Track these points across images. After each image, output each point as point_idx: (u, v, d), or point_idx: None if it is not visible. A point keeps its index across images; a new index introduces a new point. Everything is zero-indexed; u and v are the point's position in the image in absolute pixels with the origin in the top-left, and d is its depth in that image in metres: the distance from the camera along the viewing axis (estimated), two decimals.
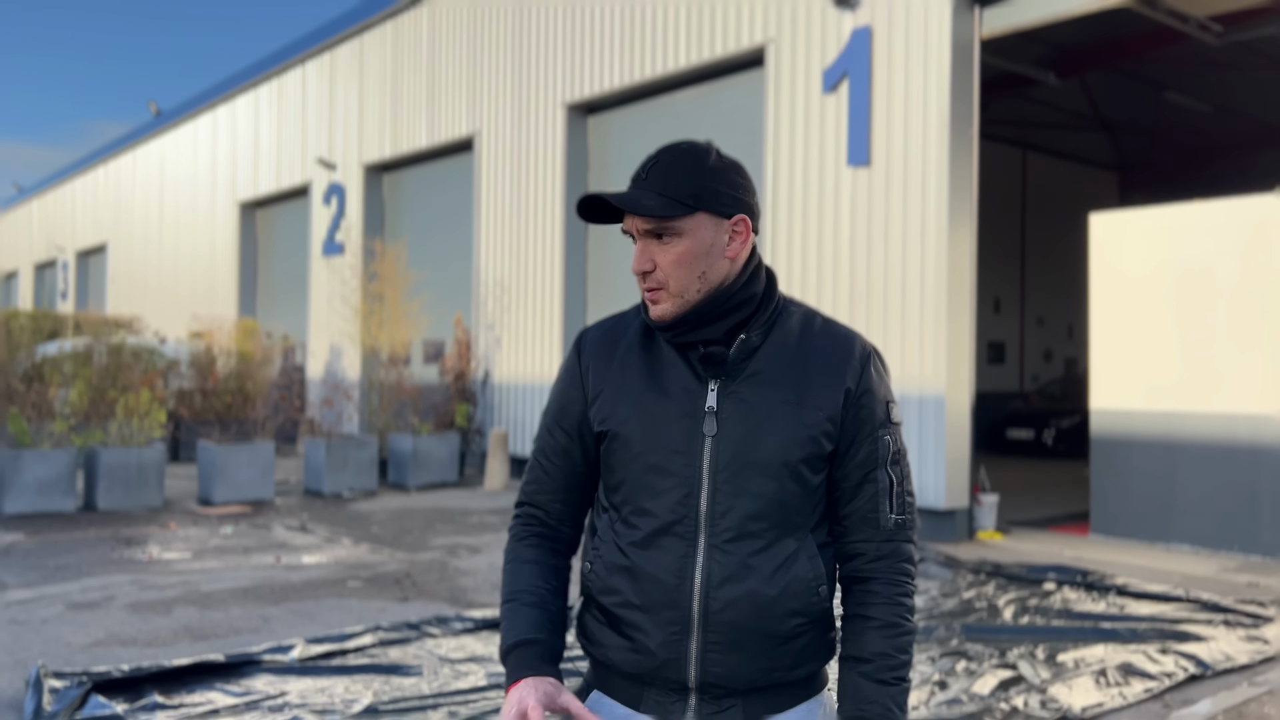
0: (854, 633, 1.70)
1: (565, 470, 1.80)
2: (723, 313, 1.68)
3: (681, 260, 1.66)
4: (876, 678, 1.65)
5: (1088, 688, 4.95)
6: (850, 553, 1.73)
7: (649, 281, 1.68)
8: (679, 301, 1.67)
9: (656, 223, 1.65)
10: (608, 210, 1.69)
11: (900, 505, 1.72)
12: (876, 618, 1.68)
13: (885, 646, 1.67)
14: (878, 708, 1.63)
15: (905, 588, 1.71)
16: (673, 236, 1.66)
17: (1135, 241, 9.27)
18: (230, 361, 15.26)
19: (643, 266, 1.67)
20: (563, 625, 1.76)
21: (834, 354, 1.72)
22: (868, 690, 1.65)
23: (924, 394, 9.25)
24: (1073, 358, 20.41)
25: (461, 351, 14.28)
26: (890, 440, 1.72)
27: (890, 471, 1.71)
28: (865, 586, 1.71)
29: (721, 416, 1.66)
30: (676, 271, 1.66)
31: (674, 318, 1.67)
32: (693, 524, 1.66)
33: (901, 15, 9.57)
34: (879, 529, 1.70)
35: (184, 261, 25.36)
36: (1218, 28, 10.90)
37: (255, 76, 21.70)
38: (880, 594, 1.69)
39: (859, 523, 1.71)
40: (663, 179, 1.65)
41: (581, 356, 1.80)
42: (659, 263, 1.66)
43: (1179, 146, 20.19)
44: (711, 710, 1.68)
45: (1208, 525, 8.72)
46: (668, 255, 1.66)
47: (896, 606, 1.69)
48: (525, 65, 14.37)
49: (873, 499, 1.70)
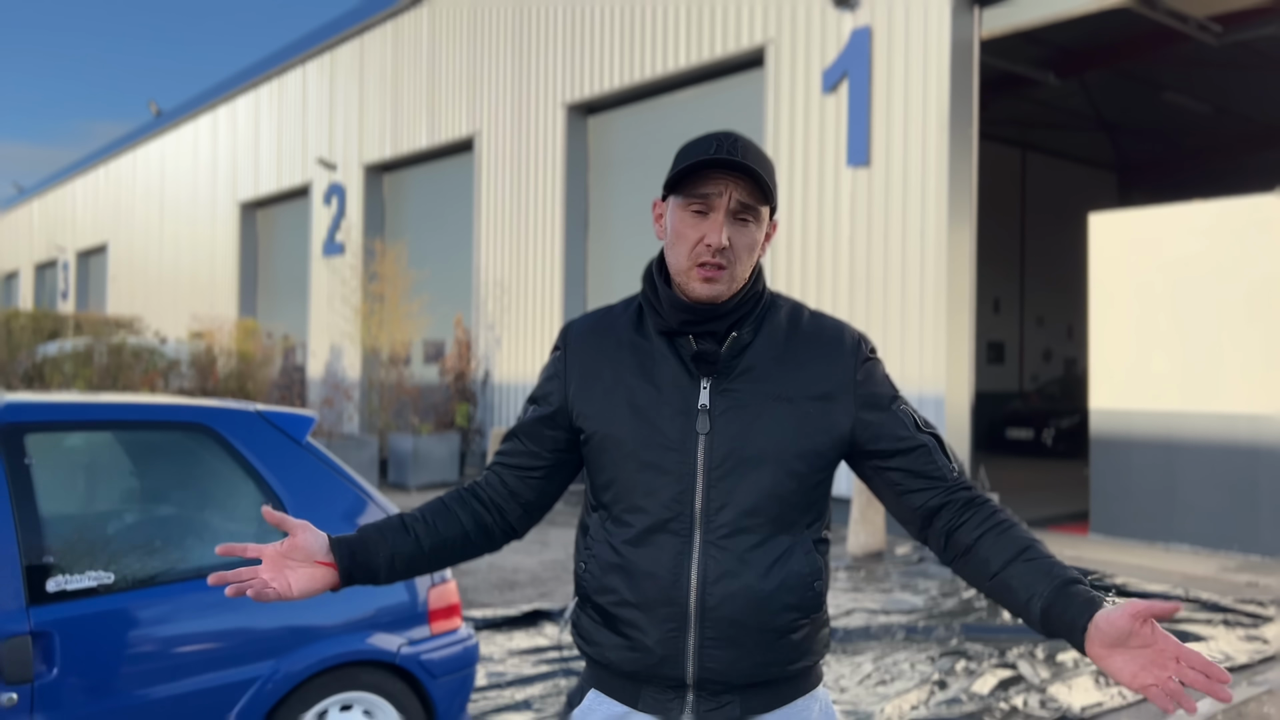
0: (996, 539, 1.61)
1: (531, 452, 1.80)
2: (732, 310, 1.68)
3: (753, 246, 1.68)
4: (1048, 554, 1.59)
5: (1087, 687, 4.95)
6: (932, 509, 1.68)
7: (720, 258, 1.64)
8: (734, 286, 1.67)
9: (756, 201, 1.65)
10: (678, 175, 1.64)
11: (951, 456, 1.73)
12: (1004, 520, 1.64)
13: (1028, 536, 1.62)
14: (1071, 571, 1.56)
15: (998, 507, 1.68)
16: (754, 220, 1.67)
17: (1135, 241, 9.27)
18: (230, 361, 15.26)
19: (724, 241, 1.63)
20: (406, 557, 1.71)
21: (825, 347, 1.72)
22: (1051, 562, 1.57)
23: (923, 394, 9.25)
24: (1072, 358, 20.41)
25: (461, 351, 14.28)
26: (909, 409, 1.74)
27: (928, 431, 1.72)
28: (969, 516, 1.66)
29: (715, 414, 1.66)
30: (745, 256, 1.67)
31: (723, 300, 1.67)
32: (688, 521, 1.66)
33: (901, 15, 9.57)
34: (947, 480, 1.69)
35: (184, 261, 25.36)
36: (1217, 28, 10.90)
37: (255, 76, 21.70)
38: (988, 509, 1.66)
39: (927, 484, 1.69)
40: (759, 160, 1.65)
41: (567, 350, 1.79)
42: (735, 243, 1.65)
43: (1178, 146, 20.19)
44: (709, 706, 1.68)
45: (1207, 525, 8.72)
46: (745, 238, 1.66)
47: (1006, 513, 1.66)
48: (525, 65, 14.38)
49: (928, 459, 1.70)
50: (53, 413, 3.14)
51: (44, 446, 3.02)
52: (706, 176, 1.64)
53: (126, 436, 3.34)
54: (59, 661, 2.76)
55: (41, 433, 3.02)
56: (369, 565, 1.68)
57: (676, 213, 1.68)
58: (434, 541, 1.74)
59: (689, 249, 1.65)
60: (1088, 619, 1.46)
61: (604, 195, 13.63)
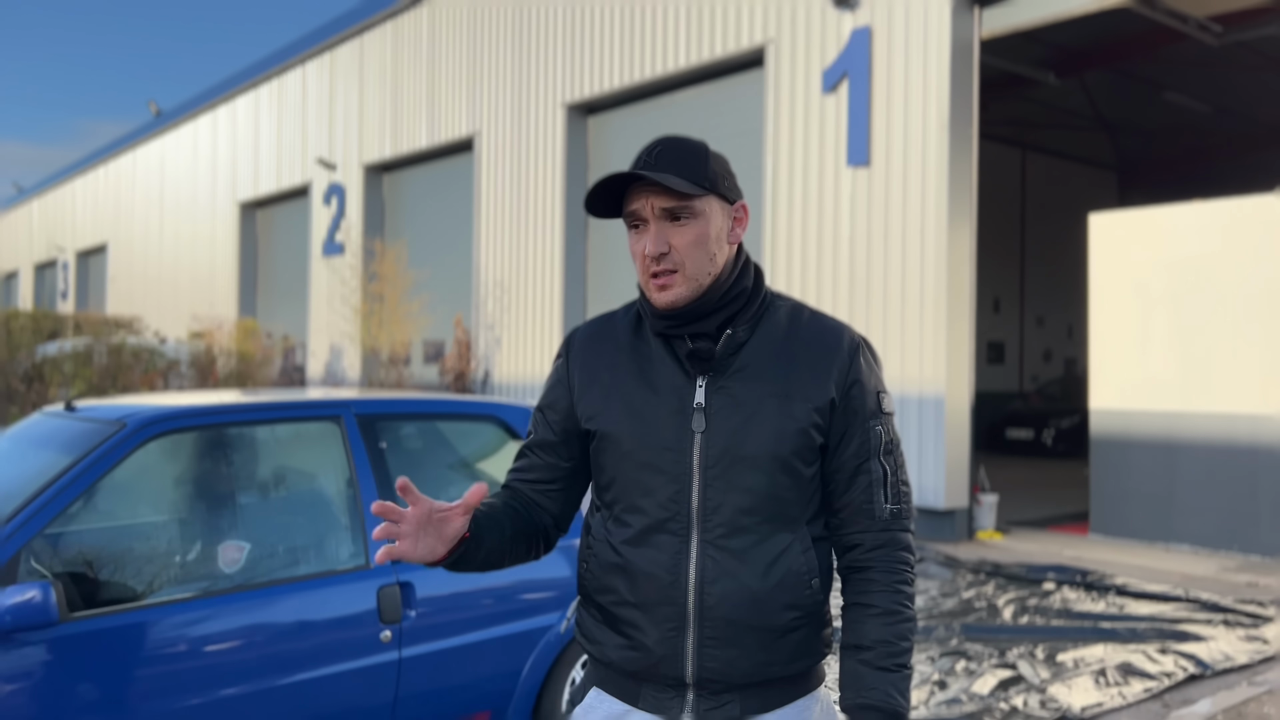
0: (854, 621, 1.70)
1: (549, 464, 1.81)
2: (717, 306, 1.69)
3: (699, 241, 1.67)
4: (878, 664, 1.65)
5: (1087, 687, 4.95)
6: (848, 544, 1.73)
7: (664, 263, 1.66)
8: (693, 285, 1.67)
9: (677, 202, 1.65)
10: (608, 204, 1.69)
11: (895, 495, 1.72)
12: (876, 605, 1.68)
13: (885, 633, 1.66)
14: (879, 694, 1.63)
15: (904, 575, 1.70)
16: (690, 217, 1.67)
17: (1135, 241, 9.27)
18: (230, 361, 15.27)
19: (659, 248, 1.65)
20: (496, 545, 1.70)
21: (822, 346, 1.72)
22: (869, 677, 1.64)
23: (923, 394, 9.25)
24: (1072, 358, 20.40)
25: (461, 351, 14.29)
26: (882, 430, 1.72)
27: (883, 461, 1.71)
28: (864, 575, 1.71)
29: (710, 412, 1.67)
30: (693, 253, 1.67)
31: (685, 303, 1.67)
32: (685, 520, 1.66)
33: (901, 15, 9.57)
34: (874, 519, 1.70)
35: (184, 261, 25.37)
36: (1217, 28, 10.90)
37: (255, 76, 21.71)
38: (879, 582, 1.69)
39: (854, 514, 1.71)
40: (674, 162, 1.66)
41: (569, 356, 1.81)
42: (675, 244, 1.66)
43: (1179, 146, 20.18)
44: (709, 705, 1.68)
45: (1207, 525, 8.72)
46: (685, 236, 1.67)
47: (895, 594, 1.69)
48: (525, 65, 14.38)
49: (867, 489, 1.70)
50: (393, 408, 3.89)
51: (388, 433, 3.75)
52: (631, 194, 1.68)
53: (442, 425, 4.16)
54: (416, 606, 3.41)
55: (387, 423, 3.75)
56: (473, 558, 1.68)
57: (628, 236, 1.73)
58: (514, 529, 1.74)
59: (640, 265, 1.70)
60: None
61: None
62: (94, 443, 3.15)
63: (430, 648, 3.43)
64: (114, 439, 3.14)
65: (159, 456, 3.34)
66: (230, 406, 3.55)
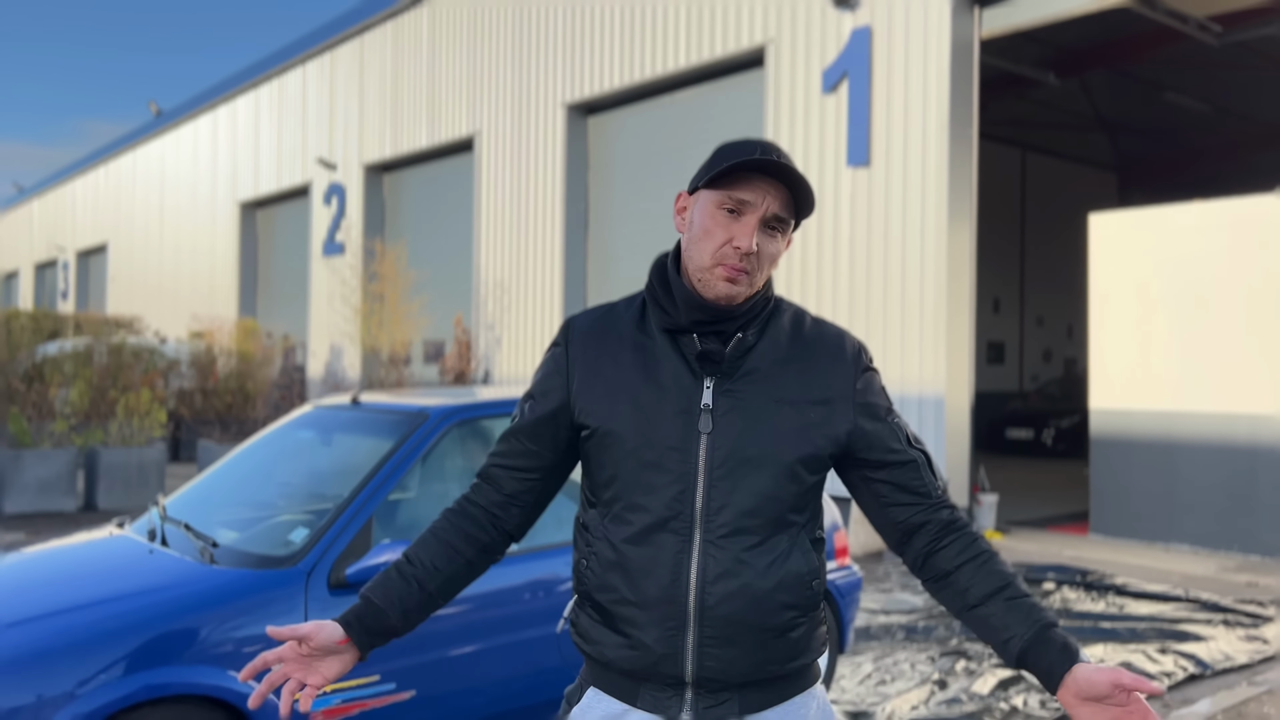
0: (977, 570, 1.69)
1: (532, 452, 1.79)
2: (745, 311, 1.70)
3: (775, 257, 1.70)
4: (1025, 594, 1.68)
5: None
6: (913, 526, 1.74)
7: (745, 263, 1.65)
8: (750, 291, 1.69)
9: (789, 214, 1.68)
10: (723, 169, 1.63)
11: (937, 474, 1.78)
12: (985, 551, 1.71)
13: (1009, 573, 1.70)
14: (1050, 614, 1.66)
15: (978, 535, 1.75)
16: (783, 233, 1.70)
17: (1135, 241, 9.27)
18: (230, 361, 15.26)
19: (754, 246, 1.64)
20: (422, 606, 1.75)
21: (828, 353, 1.74)
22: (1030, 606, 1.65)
23: (923, 394, 9.25)
24: (1072, 358, 20.40)
25: (461, 351, 14.28)
26: (902, 422, 1.78)
27: (918, 446, 1.77)
28: (953, 539, 1.72)
29: (717, 414, 1.67)
30: (767, 265, 1.69)
31: (739, 303, 1.68)
32: (688, 520, 1.66)
33: (901, 15, 9.57)
34: (931, 498, 1.74)
35: (184, 261, 25.37)
36: (1217, 28, 10.90)
37: (255, 76, 21.71)
38: (969, 536, 1.73)
39: (911, 500, 1.74)
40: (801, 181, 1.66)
41: (569, 346, 1.77)
42: (762, 250, 1.67)
43: (1179, 146, 20.18)
44: (708, 704, 1.68)
45: (1207, 525, 8.72)
46: (771, 247, 1.68)
47: (985, 542, 1.74)
48: (525, 65, 14.38)
49: (915, 475, 1.74)
50: None
51: None
52: (746, 180, 1.64)
53: None
54: None
55: None
56: (385, 629, 1.73)
57: (707, 209, 1.67)
58: (438, 582, 1.76)
59: (715, 247, 1.65)
60: (1065, 668, 1.59)
61: (604, 195, 13.63)
62: (406, 431, 3.76)
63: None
64: (423, 428, 3.75)
65: (454, 441, 3.98)
66: (501, 401, 4.18)
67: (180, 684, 2.97)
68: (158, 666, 2.96)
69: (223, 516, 3.97)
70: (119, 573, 3.45)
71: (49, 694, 2.82)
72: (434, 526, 1.80)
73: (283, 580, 3.26)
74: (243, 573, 3.31)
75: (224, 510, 4.08)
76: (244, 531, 3.80)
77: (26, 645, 2.93)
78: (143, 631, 3.00)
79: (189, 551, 3.50)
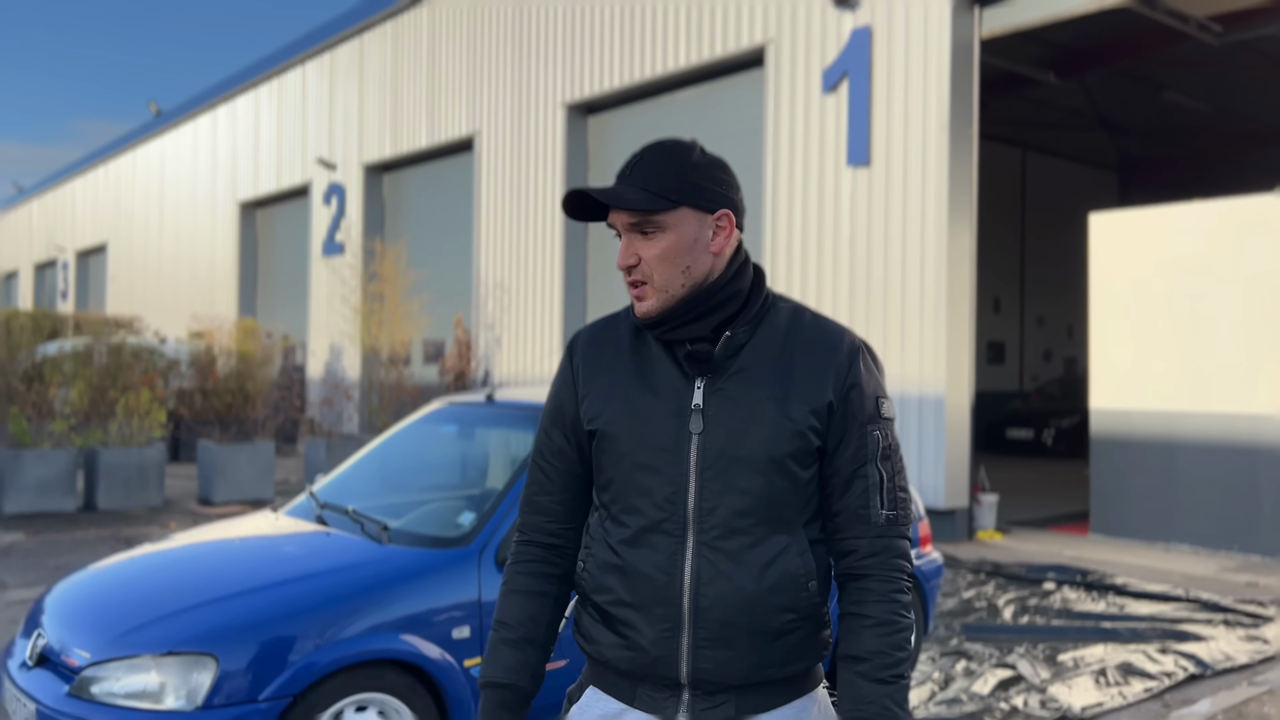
0: (850, 631, 1.69)
1: (563, 471, 1.81)
2: (708, 309, 1.68)
3: (665, 255, 1.67)
4: (874, 676, 1.64)
5: (1087, 687, 4.95)
6: (843, 550, 1.72)
7: (633, 276, 1.69)
8: (664, 297, 1.67)
9: (640, 217, 1.66)
10: (595, 207, 1.70)
11: (892, 501, 1.70)
12: (871, 615, 1.67)
13: (881, 644, 1.65)
14: (876, 707, 1.62)
15: (899, 584, 1.69)
16: (656, 231, 1.67)
17: (1135, 241, 9.27)
18: (230, 361, 15.24)
19: (627, 261, 1.68)
20: (540, 659, 1.79)
21: (821, 349, 1.71)
22: (866, 690, 1.64)
23: (923, 394, 9.25)
24: (1072, 358, 20.40)
25: (461, 351, 14.28)
26: (880, 435, 1.71)
27: (880, 467, 1.70)
28: (859, 584, 1.70)
29: (708, 414, 1.67)
30: (660, 266, 1.67)
31: (659, 313, 1.68)
32: (680, 521, 1.66)
33: (901, 15, 9.57)
34: (870, 525, 1.69)
35: (184, 261, 25.37)
36: (1217, 28, 10.90)
37: (255, 76, 21.70)
38: (874, 591, 1.68)
39: (850, 519, 1.70)
40: (645, 174, 1.66)
41: (573, 358, 1.81)
42: (643, 257, 1.67)
43: (1179, 146, 20.17)
44: (704, 706, 1.68)
45: (1207, 525, 8.72)
46: (651, 249, 1.67)
47: (891, 603, 1.67)
48: (525, 65, 14.38)
49: (863, 495, 1.69)
50: None
51: None
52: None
53: None
54: None
55: None
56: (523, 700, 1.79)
57: None
58: (540, 630, 1.81)
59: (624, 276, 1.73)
60: None
61: None
62: None
63: None
64: None
65: None
66: None
67: (380, 649, 3.33)
68: (363, 634, 3.34)
69: (374, 503, 4.29)
70: (310, 552, 3.83)
71: (288, 656, 3.20)
72: (506, 583, 1.83)
73: (459, 559, 3.63)
74: (421, 551, 3.67)
75: (373, 497, 4.41)
76: (401, 516, 4.11)
77: (268, 608, 3.32)
78: (348, 602, 3.40)
79: (358, 534, 3.85)
